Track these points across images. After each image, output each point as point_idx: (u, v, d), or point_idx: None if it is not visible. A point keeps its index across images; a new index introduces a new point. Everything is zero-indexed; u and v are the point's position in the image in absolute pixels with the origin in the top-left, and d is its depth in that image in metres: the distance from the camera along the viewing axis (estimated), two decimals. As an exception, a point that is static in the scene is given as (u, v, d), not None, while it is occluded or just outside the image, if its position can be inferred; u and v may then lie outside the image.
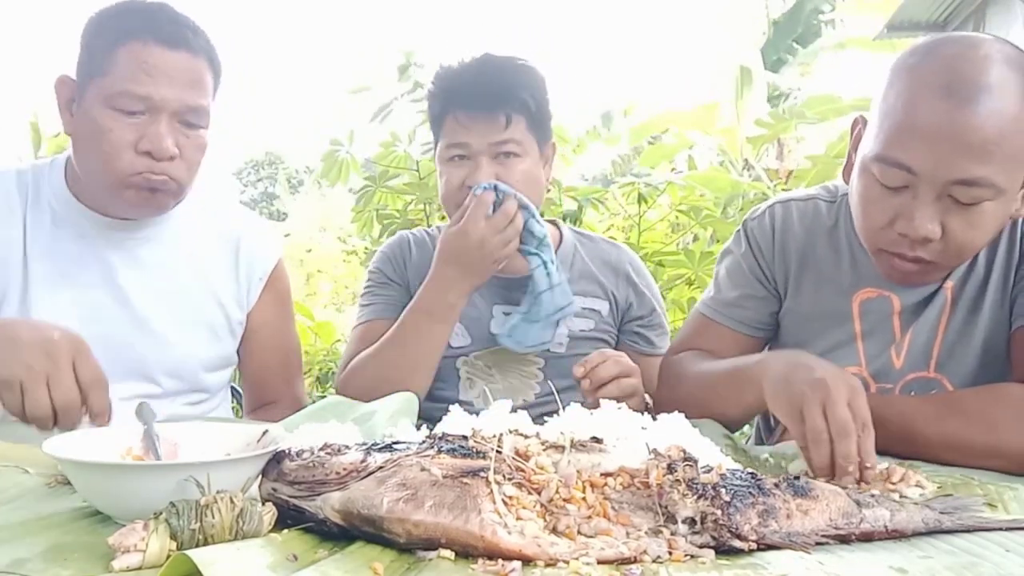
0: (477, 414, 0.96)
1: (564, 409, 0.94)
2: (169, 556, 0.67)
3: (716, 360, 1.37)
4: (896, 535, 0.81)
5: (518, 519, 0.71)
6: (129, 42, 1.35)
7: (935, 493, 0.96)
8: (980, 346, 1.29)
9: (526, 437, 0.82)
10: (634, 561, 0.71)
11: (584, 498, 0.75)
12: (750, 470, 0.83)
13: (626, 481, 0.78)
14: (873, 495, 0.86)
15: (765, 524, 0.76)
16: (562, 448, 0.80)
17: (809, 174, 3.43)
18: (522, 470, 0.76)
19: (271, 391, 1.66)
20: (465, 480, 0.72)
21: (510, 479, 0.74)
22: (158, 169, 1.37)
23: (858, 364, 1.35)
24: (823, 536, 0.78)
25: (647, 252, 3.07)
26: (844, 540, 0.79)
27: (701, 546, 0.74)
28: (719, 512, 0.74)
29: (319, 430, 0.99)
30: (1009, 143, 1.08)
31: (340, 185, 3.30)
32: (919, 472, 1.01)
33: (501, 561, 0.68)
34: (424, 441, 0.80)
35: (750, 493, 0.77)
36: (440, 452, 0.76)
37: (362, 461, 0.76)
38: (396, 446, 0.79)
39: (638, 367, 1.39)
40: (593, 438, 0.82)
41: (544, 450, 0.80)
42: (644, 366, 1.44)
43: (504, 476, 0.74)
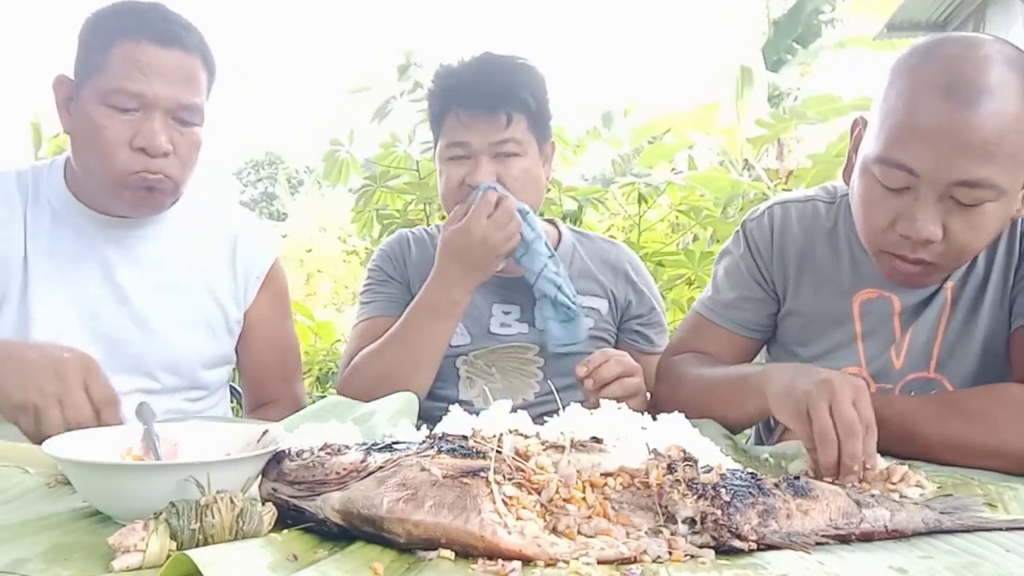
0: (477, 414, 0.96)
1: (564, 408, 0.94)
2: (169, 556, 0.67)
3: (716, 365, 1.38)
4: (896, 535, 0.81)
5: (518, 519, 0.71)
6: (123, 41, 1.36)
7: (935, 493, 0.96)
8: (980, 346, 1.29)
9: (526, 437, 0.82)
10: (634, 561, 0.71)
11: (584, 498, 0.75)
12: (750, 470, 0.83)
13: (626, 481, 0.78)
14: (873, 495, 0.86)
15: (765, 524, 0.76)
16: (562, 448, 0.80)
17: (810, 174, 3.42)
18: (522, 470, 0.76)
19: (270, 390, 1.66)
20: (465, 480, 0.72)
21: (510, 479, 0.74)
22: (154, 167, 1.38)
23: (858, 364, 1.35)
24: (823, 536, 0.78)
25: (647, 252, 3.07)
26: (844, 540, 0.79)
27: (701, 546, 0.74)
28: (719, 512, 0.74)
29: (319, 430, 0.99)
30: (1010, 144, 1.08)
31: (340, 185, 3.30)
32: (919, 472, 1.01)
33: (501, 561, 0.68)
34: (424, 441, 0.80)
35: (750, 493, 0.77)
36: (440, 452, 0.76)
37: (362, 461, 0.76)
38: (396, 446, 0.79)
39: (640, 366, 1.39)
40: (593, 438, 0.82)
41: (544, 450, 0.80)
42: (644, 364, 1.44)
43: (504, 476, 0.74)
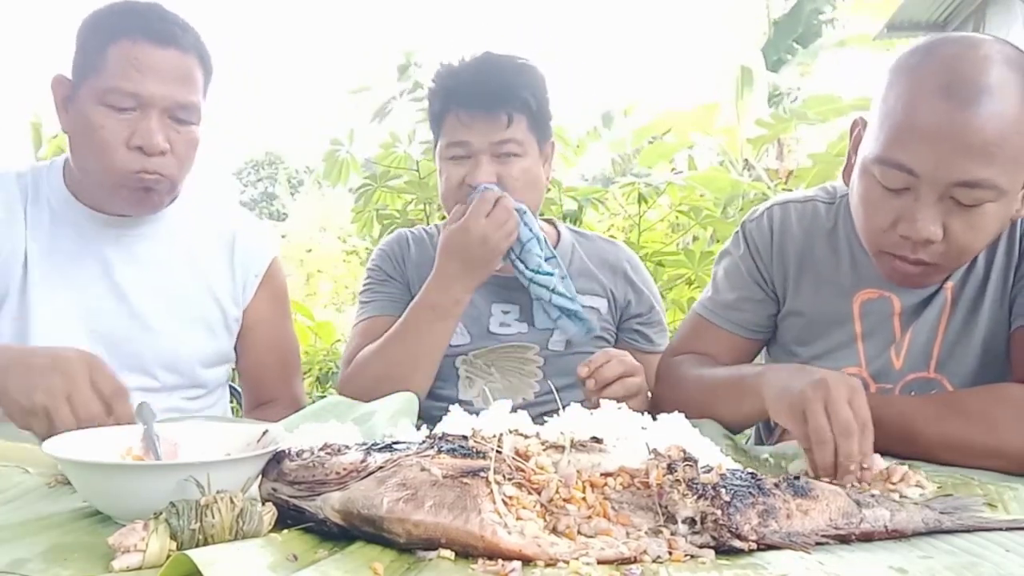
0: (477, 414, 0.96)
1: (564, 408, 0.94)
2: (169, 556, 0.67)
3: (715, 366, 1.38)
4: (896, 535, 0.81)
5: (518, 519, 0.71)
6: (119, 40, 1.37)
7: (935, 493, 0.96)
8: (980, 346, 1.29)
9: (526, 437, 0.82)
10: (634, 561, 0.71)
11: (584, 498, 0.75)
12: (750, 470, 0.83)
13: (626, 481, 0.77)
14: (873, 495, 0.86)
15: (765, 524, 0.76)
16: (562, 448, 0.80)
17: (810, 173, 3.43)
18: (522, 470, 0.76)
19: (269, 389, 1.66)
20: (465, 480, 0.72)
21: (510, 479, 0.74)
22: (151, 167, 1.39)
23: (858, 365, 1.35)
24: (823, 536, 0.78)
25: (647, 252, 3.07)
26: (844, 540, 0.79)
27: (701, 546, 0.74)
28: (719, 512, 0.74)
29: (319, 430, 0.99)
30: (1010, 144, 1.08)
31: (340, 185, 3.31)
32: (919, 472, 1.01)
33: (501, 561, 0.68)
34: (424, 441, 0.80)
35: (750, 493, 0.77)
36: (440, 452, 0.76)
37: (362, 461, 0.76)
38: (396, 446, 0.79)
39: (641, 366, 1.39)
40: (593, 438, 0.82)
41: (544, 450, 0.80)
42: (644, 364, 1.44)
43: (504, 476, 0.74)
